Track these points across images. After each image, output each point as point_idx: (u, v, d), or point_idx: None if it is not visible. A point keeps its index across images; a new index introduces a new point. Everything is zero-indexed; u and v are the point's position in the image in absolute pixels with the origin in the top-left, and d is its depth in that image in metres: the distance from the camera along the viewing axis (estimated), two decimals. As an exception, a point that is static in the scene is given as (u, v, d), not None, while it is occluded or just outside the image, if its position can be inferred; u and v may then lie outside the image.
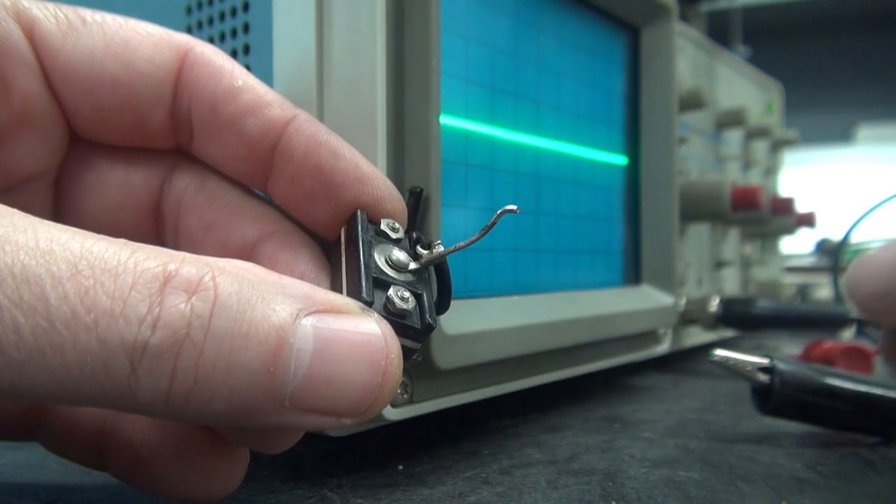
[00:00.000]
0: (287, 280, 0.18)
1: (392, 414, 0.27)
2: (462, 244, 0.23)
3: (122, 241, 0.17)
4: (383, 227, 0.23)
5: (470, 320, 0.29)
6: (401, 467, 0.29)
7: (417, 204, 0.26)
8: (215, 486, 0.22)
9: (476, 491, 0.26)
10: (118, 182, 0.25)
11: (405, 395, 0.28)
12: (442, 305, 0.24)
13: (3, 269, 0.15)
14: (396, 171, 0.27)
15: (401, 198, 0.24)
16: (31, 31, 0.22)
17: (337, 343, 0.18)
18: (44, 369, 0.15)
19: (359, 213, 0.23)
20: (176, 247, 0.26)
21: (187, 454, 0.21)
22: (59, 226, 0.17)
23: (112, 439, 0.22)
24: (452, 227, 0.31)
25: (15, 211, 0.17)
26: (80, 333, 0.15)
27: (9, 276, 0.15)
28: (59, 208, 0.25)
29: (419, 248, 0.23)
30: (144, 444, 0.22)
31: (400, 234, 0.23)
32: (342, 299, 0.19)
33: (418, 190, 0.26)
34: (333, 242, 0.24)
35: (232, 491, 0.22)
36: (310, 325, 0.17)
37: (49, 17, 0.22)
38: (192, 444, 0.22)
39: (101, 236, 0.17)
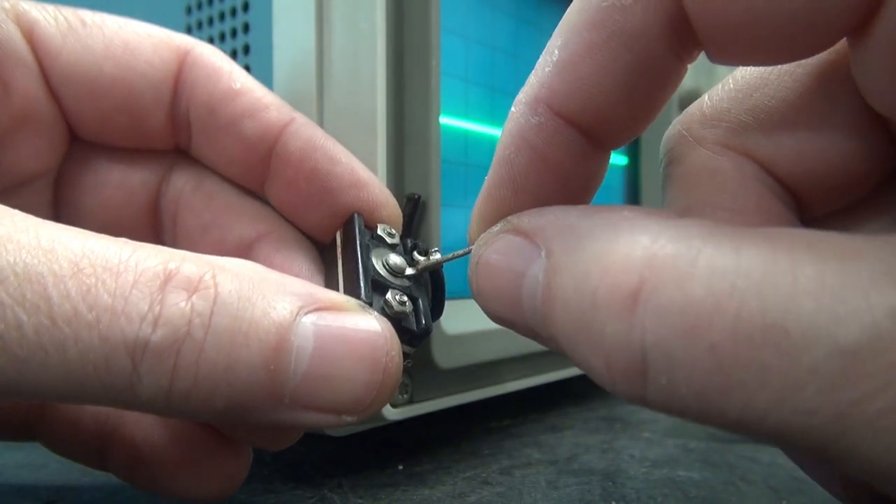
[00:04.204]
0: (288, 278, 0.18)
1: (392, 414, 0.27)
2: (460, 252, 0.22)
3: (124, 239, 0.17)
4: (379, 231, 0.23)
5: (470, 320, 0.29)
6: (401, 467, 0.29)
7: (415, 210, 0.26)
8: (218, 485, 0.22)
9: (476, 491, 0.26)
10: (116, 182, 0.25)
11: (405, 395, 0.28)
12: (435, 312, 0.24)
13: (5, 267, 0.15)
14: (396, 171, 0.27)
15: (396, 204, 0.24)
16: (30, 34, 0.22)
17: (337, 340, 0.18)
18: (46, 367, 0.15)
19: (356, 216, 0.23)
20: (174, 246, 0.26)
21: (190, 453, 0.21)
22: (61, 225, 0.17)
23: (114, 439, 0.22)
24: (452, 227, 0.31)
25: (16, 211, 0.17)
26: (81, 331, 0.15)
27: (11, 274, 0.15)
28: (59, 208, 0.25)
29: (416, 255, 0.23)
30: (147, 444, 0.22)
31: (395, 240, 0.23)
32: (343, 297, 0.19)
33: (416, 196, 0.26)
34: (328, 245, 0.24)
35: (234, 491, 0.22)
36: (310, 322, 0.17)
37: (49, 19, 0.22)
38: (194, 443, 0.22)
39: (103, 235, 0.17)
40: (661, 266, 0.13)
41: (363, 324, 0.18)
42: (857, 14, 0.14)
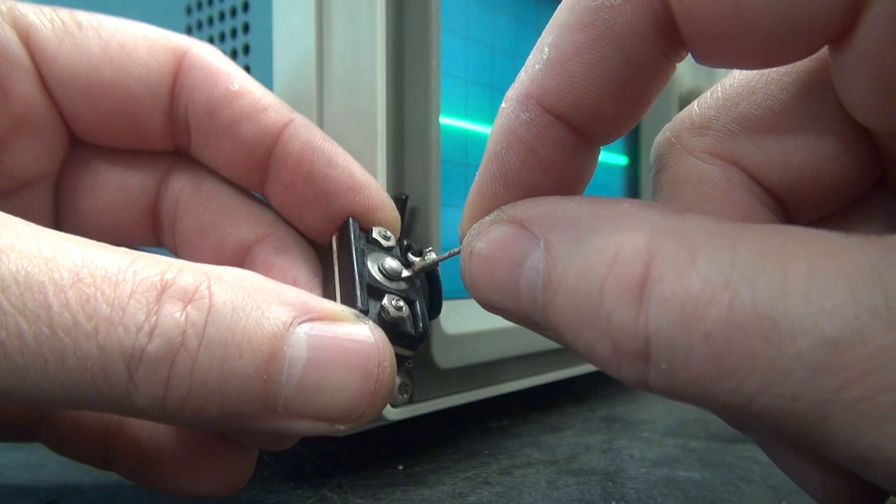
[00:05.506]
0: (284, 288, 0.18)
1: (392, 414, 0.27)
2: (455, 251, 0.22)
3: (123, 249, 0.17)
4: (375, 234, 0.23)
5: (470, 320, 0.29)
6: (401, 467, 0.29)
7: (402, 211, 0.26)
8: (223, 482, 0.22)
9: (476, 491, 0.26)
10: (116, 184, 0.25)
11: (405, 395, 0.28)
12: (433, 311, 0.24)
13: (7, 276, 0.15)
14: (396, 171, 0.27)
15: (394, 207, 0.24)
16: (27, 37, 0.22)
17: (330, 351, 0.18)
18: (46, 375, 0.15)
19: (350, 220, 0.23)
20: (174, 248, 0.26)
21: (196, 451, 0.21)
22: (62, 234, 0.17)
23: (118, 438, 0.22)
24: (453, 228, 0.31)
25: (18, 220, 0.17)
26: (80, 340, 0.15)
27: (13, 283, 0.15)
28: (59, 209, 0.25)
29: (410, 256, 0.23)
30: (152, 442, 0.22)
31: (391, 243, 0.23)
32: (337, 307, 0.19)
33: (403, 197, 0.26)
34: (325, 248, 0.24)
35: (240, 488, 0.22)
36: (303, 333, 0.17)
37: (45, 21, 0.22)
38: (200, 441, 0.22)
39: (103, 245, 0.17)
40: (664, 258, 0.13)
41: (356, 334, 0.18)
42: (837, 23, 0.14)
